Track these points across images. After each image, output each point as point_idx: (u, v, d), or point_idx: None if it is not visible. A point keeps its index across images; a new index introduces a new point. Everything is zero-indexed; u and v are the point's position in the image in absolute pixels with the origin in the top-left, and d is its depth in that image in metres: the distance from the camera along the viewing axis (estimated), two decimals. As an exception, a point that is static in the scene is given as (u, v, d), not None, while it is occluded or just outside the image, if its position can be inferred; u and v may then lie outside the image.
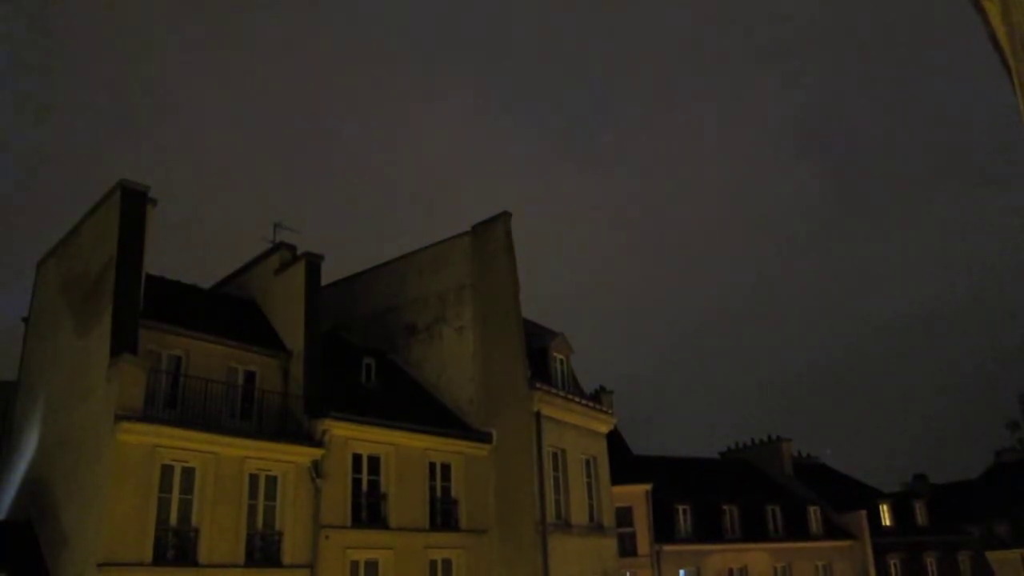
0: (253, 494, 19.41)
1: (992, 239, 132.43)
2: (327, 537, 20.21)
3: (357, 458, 21.74)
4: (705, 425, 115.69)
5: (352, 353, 25.40)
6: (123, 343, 18.06)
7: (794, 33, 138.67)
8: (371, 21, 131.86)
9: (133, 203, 19.62)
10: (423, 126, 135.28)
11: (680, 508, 37.67)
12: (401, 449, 22.71)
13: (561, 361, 27.64)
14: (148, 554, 17.00)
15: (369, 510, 21.77)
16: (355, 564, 20.80)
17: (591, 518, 26.80)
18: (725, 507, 39.23)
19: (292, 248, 24.41)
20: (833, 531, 42.66)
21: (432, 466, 23.53)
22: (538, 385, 24.74)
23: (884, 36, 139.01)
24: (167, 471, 17.91)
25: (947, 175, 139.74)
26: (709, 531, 38.27)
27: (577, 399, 27.23)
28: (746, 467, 47.34)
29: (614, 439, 31.70)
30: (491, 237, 26.76)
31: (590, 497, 27.08)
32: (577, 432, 26.82)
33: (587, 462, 27.34)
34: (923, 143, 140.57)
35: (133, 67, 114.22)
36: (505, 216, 26.73)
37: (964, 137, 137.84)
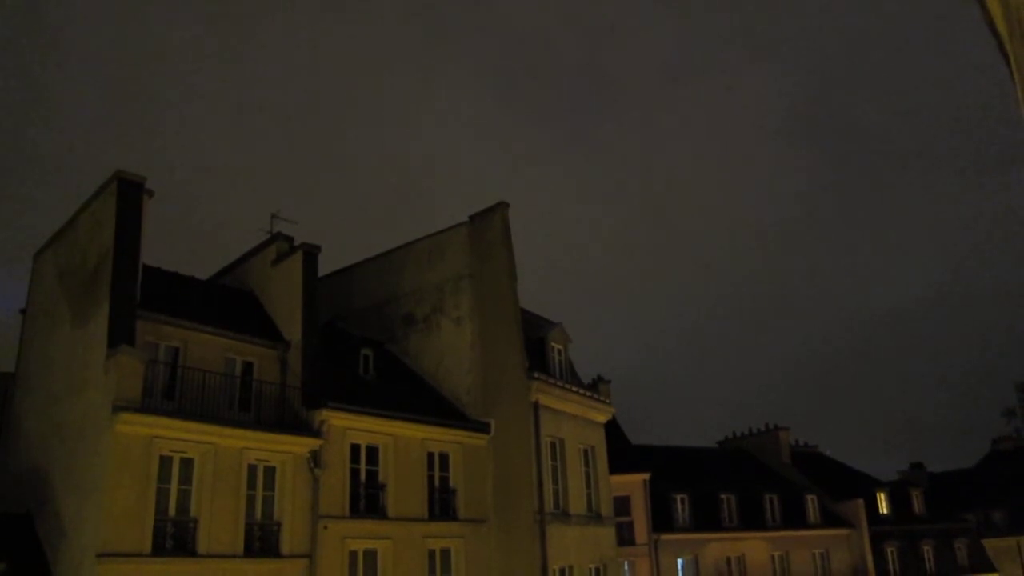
0: (252, 484, 19.41)
1: (990, 228, 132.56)
2: (326, 527, 20.23)
3: (355, 448, 21.75)
4: (703, 414, 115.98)
5: (350, 344, 25.38)
6: (121, 334, 18.02)
7: (790, 24, 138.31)
8: (370, 14, 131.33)
9: (130, 194, 19.53)
10: (421, 117, 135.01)
11: (678, 497, 37.78)
12: (399, 439, 22.72)
13: (559, 351, 27.65)
14: (147, 545, 17.02)
15: (367, 500, 21.79)
16: (354, 554, 20.83)
17: (589, 507, 26.87)
18: (723, 496, 39.35)
19: (289, 239, 24.34)
20: (830, 519, 42.81)
21: (430, 456, 23.56)
22: (536, 375, 24.74)
23: (880, 26, 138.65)
24: (165, 462, 17.90)
25: (944, 165, 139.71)
26: (707, 520, 38.39)
27: (575, 389, 27.26)
28: (744, 456, 47.46)
29: (612, 429, 31.76)
30: (489, 227, 26.71)
31: (588, 487, 27.14)
32: (575, 422, 26.85)
33: (585, 452, 27.39)
34: (919, 133, 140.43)
35: (132, 57, 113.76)
36: (503, 206, 26.67)
37: (961, 126, 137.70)
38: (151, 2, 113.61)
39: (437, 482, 23.59)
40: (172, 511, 17.88)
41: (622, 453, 34.69)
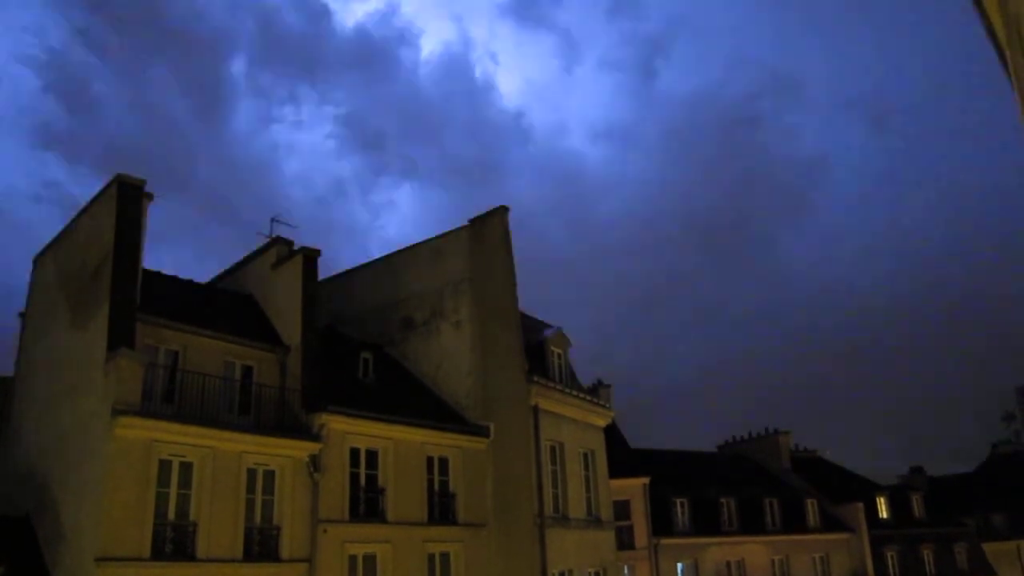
0: (251, 488, 19.39)
1: (991, 231, 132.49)
2: (325, 531, 20.21)
3: (355, 452, 21.74)
4: (703, 419, 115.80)
5: (349, 347, 25.38)
6: (120, 338, 18.01)
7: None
8: (371, 14, 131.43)
9: (130, 197, 19.56)
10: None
11: (678, 501, 37.74)
12: (399, 443, 22.70)
13: (559, 355, 27.63)
14: (146, 549, 16.99)
15: (367, 504, 21.77)
16: (353, 558, 20.81)
17: (589, 511, 26.85)
18: (723, 500, 39.30)
19: (289, 243, 24.37)
20: (830, 524, 42.75)
21: (430, 460, 23.54)
22: (536, 379, 24.73)
23: (881, 32, 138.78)
24: (165, 466, 17.88)
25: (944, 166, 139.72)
26: (707, 524, 38.34)
27: (575, 393, 27.25)
28: (744, 460, 47.42)
29: (612, 433, 31.74)
30: (489, 231, 26.73)
31: (588, 490, 27.12)
32: (575, 426, 26.84)
33: (585, 456, 27.37)
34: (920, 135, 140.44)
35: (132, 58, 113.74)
36: (502, 210, 26.69)
37: (961, 128, 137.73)
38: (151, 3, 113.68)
39: (437, 486, 23.56)
40: (171, 515, 17.85)
41: (622, 457, 34.67)
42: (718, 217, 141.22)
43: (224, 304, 23.87)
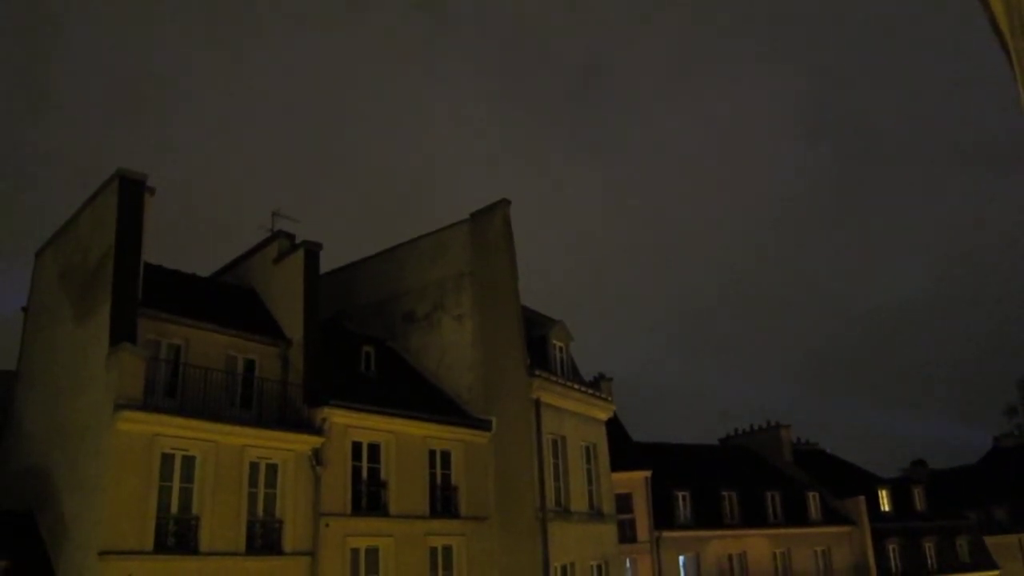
0: (253, 482, 19.43)
1: (993, 226, 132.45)
2: (327, 525, 20.26)
3: (357, 446, 21.77)
4: (704, 412, 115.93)
5: (351, 341, 25.39)
6: (122, 332, 18.02)
7: (793, 22, 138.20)
8: (371, 14, 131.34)
9: (131, 192, 19.52)
10: (423, 115, 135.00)
11: (680, 494, 37.77)
12: (401, 437, 22.73)
13: (560, 348, 27.64)
14: (149, 542, 17.04)
15: (369, 498, 21.81)
16: (355, 551, 20.86)
17: (591, 505, 26.88)
18: (724, 493, 39.34)
19: (291, 236, 24.33)
20: (832, 517, 42.81)
21: (432, 453, 23.56)
22: (537, 372, 24.74)
23: (889, 23, 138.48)
24: (167, 460, 17.91)
25: (949, 162, 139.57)
26: (708, 517, 38.38)
27: (576, 386, 27.26)
28: (745, 453, 47.43)
29: (613, 426, 31.75)
30: (490, 225, 26.69)
31: (590, 484, 27.15)
32: (577, 419, 26.85)
33: (587, 449, 27.40)
34: (926, 131, 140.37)
35: (133, 54, 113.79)
36: (504, 204, 26.65)
37: (967, 125, 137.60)
38: (152, 1, 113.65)
39: (439, 479, 23.60)
40: (174, 509, 17.90)
41: (623, 450, 34.67)
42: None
43: (226, 298, 23.87)
